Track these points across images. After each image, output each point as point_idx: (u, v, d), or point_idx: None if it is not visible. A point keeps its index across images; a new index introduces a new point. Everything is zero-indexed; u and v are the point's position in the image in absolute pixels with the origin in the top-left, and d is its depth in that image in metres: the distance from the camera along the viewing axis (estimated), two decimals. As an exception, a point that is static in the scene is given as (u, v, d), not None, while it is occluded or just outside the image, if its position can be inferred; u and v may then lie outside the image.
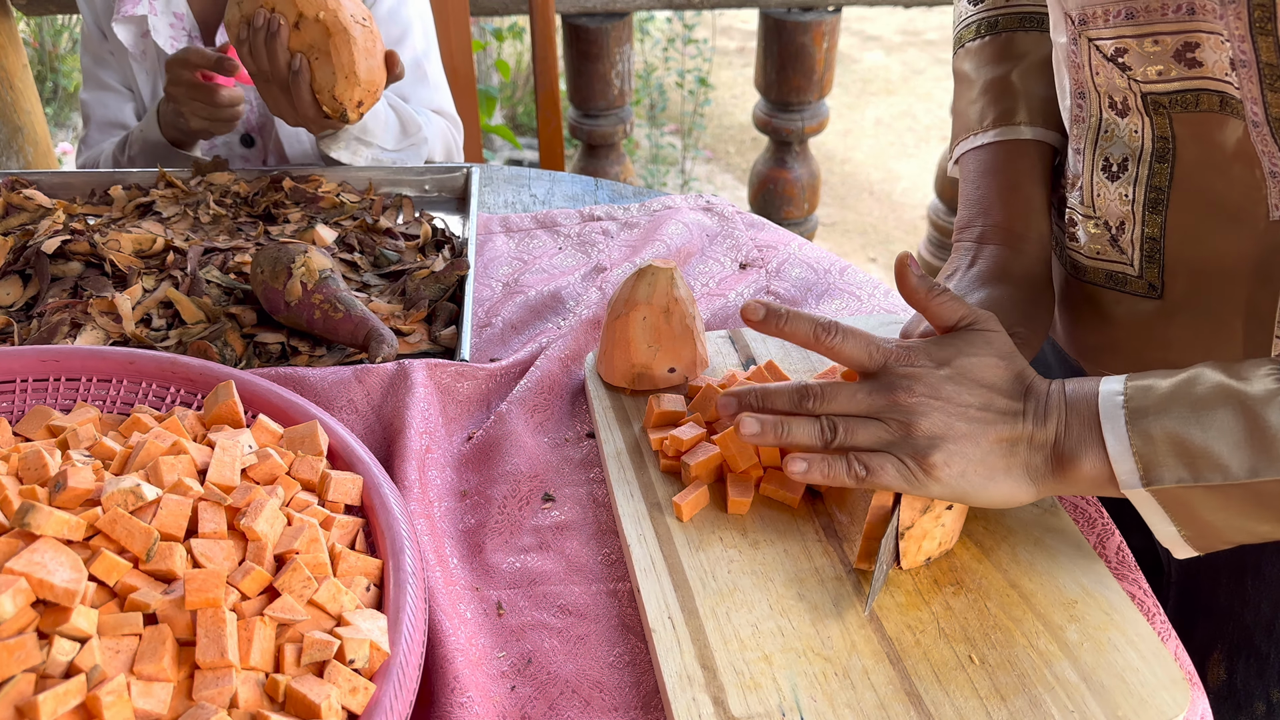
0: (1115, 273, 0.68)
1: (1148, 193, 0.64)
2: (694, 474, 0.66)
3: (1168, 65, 0.59)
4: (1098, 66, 0.63)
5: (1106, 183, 0.66)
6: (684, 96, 3.79)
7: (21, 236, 0.92)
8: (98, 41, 1.21)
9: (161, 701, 0.45)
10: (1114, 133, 0.65)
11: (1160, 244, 0.65)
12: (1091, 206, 0.68)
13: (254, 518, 0.52)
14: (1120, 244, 0.67)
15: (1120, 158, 0.65)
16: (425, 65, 1.24)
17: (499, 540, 0.66)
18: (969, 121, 0.76)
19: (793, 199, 2.31)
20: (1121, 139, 0.64)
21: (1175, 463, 0.52)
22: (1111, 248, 0.67)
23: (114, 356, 0.67)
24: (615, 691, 0.56)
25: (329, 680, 0.47)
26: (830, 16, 2.04)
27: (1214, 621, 0.74)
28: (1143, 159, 0.63)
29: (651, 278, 0.73)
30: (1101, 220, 0.68)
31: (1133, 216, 0.65)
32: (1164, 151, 0.62)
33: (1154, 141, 0.62)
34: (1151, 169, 0.63)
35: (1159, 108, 0.61)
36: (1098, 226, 0.68)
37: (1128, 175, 0.65)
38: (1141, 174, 0.64)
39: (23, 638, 0.44)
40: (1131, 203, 0.65)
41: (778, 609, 0.58)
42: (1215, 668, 0.74)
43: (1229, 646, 0.73)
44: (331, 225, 0.98)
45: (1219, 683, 0.74)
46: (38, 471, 0.53)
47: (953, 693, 0.53)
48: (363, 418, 0.73)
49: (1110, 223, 0.67)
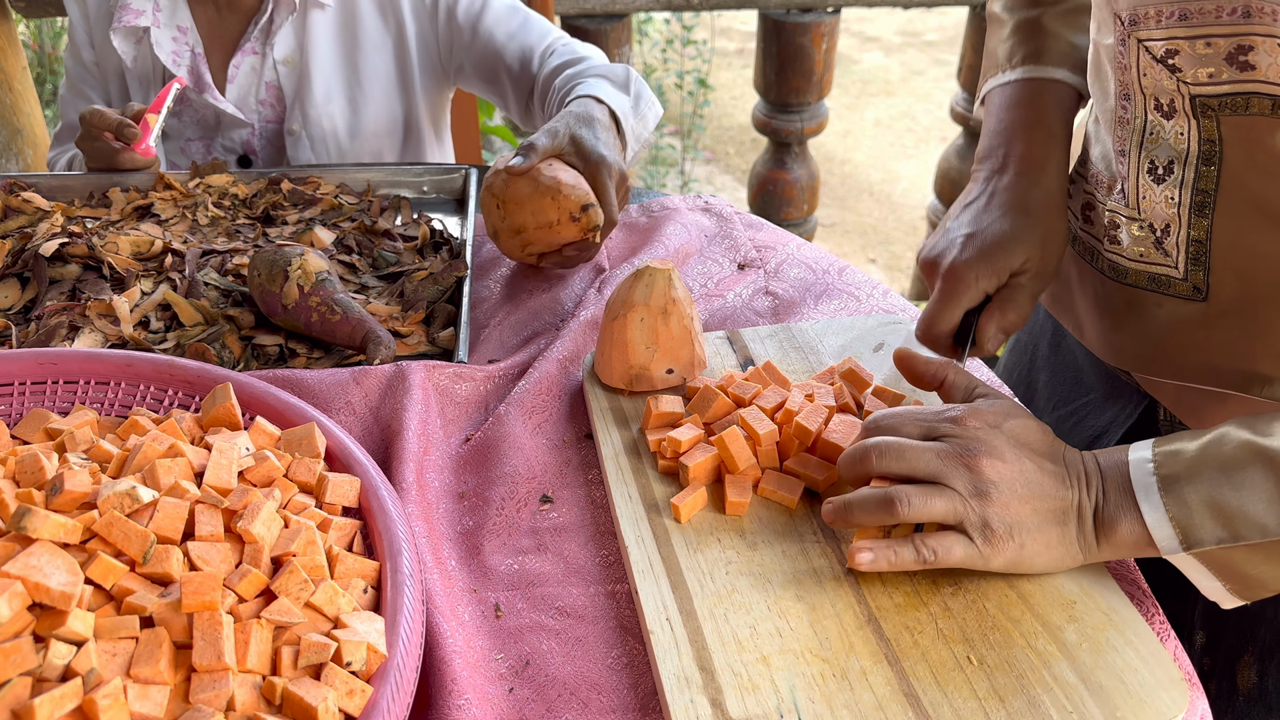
0: (1159, 275, 0.68)
1: (1194, 196, 0.64)
2: (692, 475, 0.65)
3: (1219, 68, 0.58)
4: (1145, 68, 0.63)
5: (1152, 185, 0.66)
6: (683, 98, 3.80)
7: (20, 239, 0.92)
8: (84, 49, 1.20)
9: (158, 704, 0.45)
10: (1159, 135, 0.65)
11: (1206, 247, 0.64)
12: (1136, 209, 0.68)
13: (251, 520, 0.52)
14: (1165, 247, 0.67)
15: (1166, 160, 0.65)
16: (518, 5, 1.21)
17: (497, 542, 0.66)
18: (997, 60, 0.77)
19: (792, 200, 2.31)
20: (1167, 141, 0.64)
21: (1213, 525, 0.53)
22: (1156, 250, 0.67)
23: (112, 359, 0.67)
24: (613, 693, 0.56)
25: (326, 683, 0.47)
26: (829, 17, 2.04)
27: (1245, 624, 0.74)
28: (1189, 162, 0.63)
29: (649, 279, 0.73)
30: (1146, 223, 0.68)
31: (1178, 219, 0.65)
32: (1210, 155, 0.62)
33: (1200, 144, 0.62)
34: (1198, 172, 0.63)
35: (1207, 110, 0.60)
36: (1142, 229, 0.68)
37: (1174, 178, 0.64)
38: (1188, 177, 0.63)
39: (19, 641, 0.44)
40: (1177, 205, 0.65)
41: (776, 610, 0.58)
42: (1246, 670, 0.74)
43: (1260, 649, 0.73)
44: (330, 227, 0.98)
45: (1249, 685, 0.74)
46: (35, 474, 0.53)
47: (951, 694, 0.53)
48: (360, 420, 0.73)
49: (1155, 225, 0.67)
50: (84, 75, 1.21)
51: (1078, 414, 0.87)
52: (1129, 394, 0.81)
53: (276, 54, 1.17)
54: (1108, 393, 0.83)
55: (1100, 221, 0.73)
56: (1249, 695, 0.74)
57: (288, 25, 1.16)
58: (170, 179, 1.04)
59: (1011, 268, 0.68)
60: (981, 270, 0.67)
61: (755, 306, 0.90)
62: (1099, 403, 0.84)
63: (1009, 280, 0.68)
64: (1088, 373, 0.85)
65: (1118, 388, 0.82)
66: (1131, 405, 0.80)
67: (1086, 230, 0.75)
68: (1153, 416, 0.79)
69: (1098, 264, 0.74)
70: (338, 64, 1.19)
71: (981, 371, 0.81)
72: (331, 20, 1.18)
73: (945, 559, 0.56)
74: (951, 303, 0.68)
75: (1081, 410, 0.87)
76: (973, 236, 0.69)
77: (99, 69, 1.20)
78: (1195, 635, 0.77)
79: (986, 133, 0.75)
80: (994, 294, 0.69)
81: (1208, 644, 0.77)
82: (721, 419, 0.70)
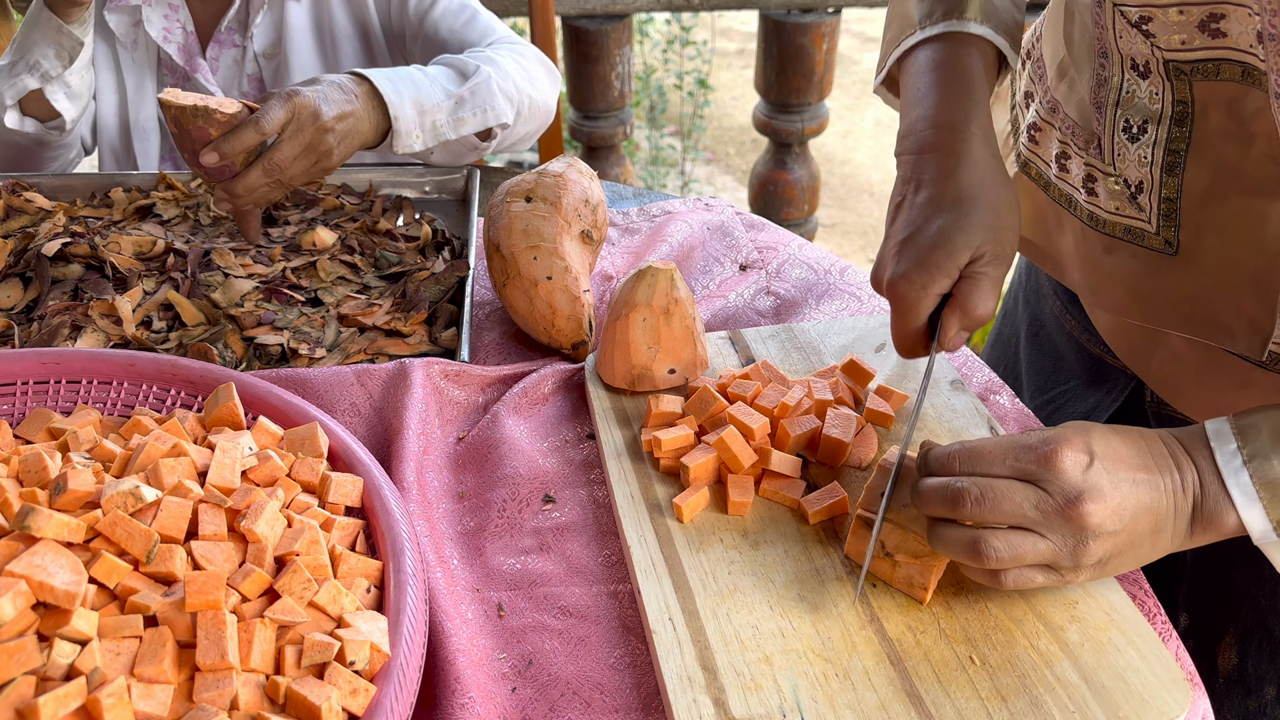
0: (1134, 228, 0.68)
1: (1165, 155, 0.64)
2: (693, 475, 0.65)
3: (1191, 35, 0.59)
4: (1121, 31, 0.63)
5: (1127, 144, 0.66)
6: (683, 98, 3.80)
7: (22, 239, 0.92)
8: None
9: (162, 703, 0.45)
10: (1134, 94, 0.65)
11: (1176, 204, 0.65)
12: (1112, 165, 0.68)
13: (254, 520, 0.52)
14: (1139, 202, 0.67)
15: (1140, 120, 0.65)
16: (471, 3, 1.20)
17: (500, 542, 0.66)
18: (909, 20, 0.70)
19: (793, 200, 2.31)
20: (1142, 101, 0.65)
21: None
22: (1130, 205, 0.68)
23: (114, 359, 0.67)
24: (616, 693, 0.56)
25: (329, 682, 0.47)
26: (830, 18, 2.04)
27: (1228, 605, 0.74)
28: (1162, 121, 0.63)
29: (651, 279, 0.73)
30: (1121, 178, 0.68)
31: (1151, 178, 0.65)
32: (1183, 116, 0.62)
33: (1173, 105, 0.62)
34: (1170, 132, 0.63)
35: (1180, 74, 0.61)
36: (1118, 184, 0.68)
37: (1147, 138, 0.65)
38: (1160, 136, 0.64)
39: (23, 640, 0.44)
40: (1150, 165, 0.65)
41: (778, 610, 0.58)
42: (1227, 652, 0.74)
43: (1241, 630, 0.73)
44: (332, 227, 0.98)
45: (1230, 667, 0.74)
46: (38, 474, 0.53)
47: (953, 693, 0.53)
48: (365, 419, 0.73)
49: (1130, 181, 0.67)
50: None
51: (1057, 400, 0.87)
52: (1115, 377, 0.81)
53: (256, 46, 1.18)
54: (1090, 378, 0.84)
55: (1078, 172, 0.72)
56: (1229, 677, 0.74)
57: (266, 18, 1.17)
58: (172, 179, 1.04)
59: (959, 265, 0.62)
60: (924, 278, 0.62)
61: (757, 307, 0.90)
62: (1081, 388, 0.85)
63: (965, 272, 0.62)
64: (1069, 359, 0.86)
65: (1102, 371, 0.82)
66: (1118, 389, 0.81)
67: (1062, 179, 0.74)
68: (1139, 400, 0.79)
69: (1075, 211, 0.74)
70: (314, 56, 1.20)
71: (972, 363, 0.82)
72: (306, 12, 1.19)
73: (1025, 587, 0.55)
74: (904, 319, 0.64)
75: (1062, 397, 0.87)
76: (907, 242, 0.63)
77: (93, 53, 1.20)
78: (1180, 617, 0.78)
79: (905, 103, 0.68)
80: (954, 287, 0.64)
81: (1191, 625, 0.77)
82: (712, 416, 0.70)
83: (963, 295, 0.63)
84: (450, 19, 1.18)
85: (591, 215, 0.87)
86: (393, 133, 0.97)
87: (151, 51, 1.19)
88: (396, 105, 0.96)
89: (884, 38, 0.73)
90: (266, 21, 1.17)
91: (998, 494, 0.53)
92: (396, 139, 0.97)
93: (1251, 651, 0.73)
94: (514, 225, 0.82)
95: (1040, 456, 0.53)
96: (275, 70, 1.19)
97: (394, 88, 0.97)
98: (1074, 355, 0.85)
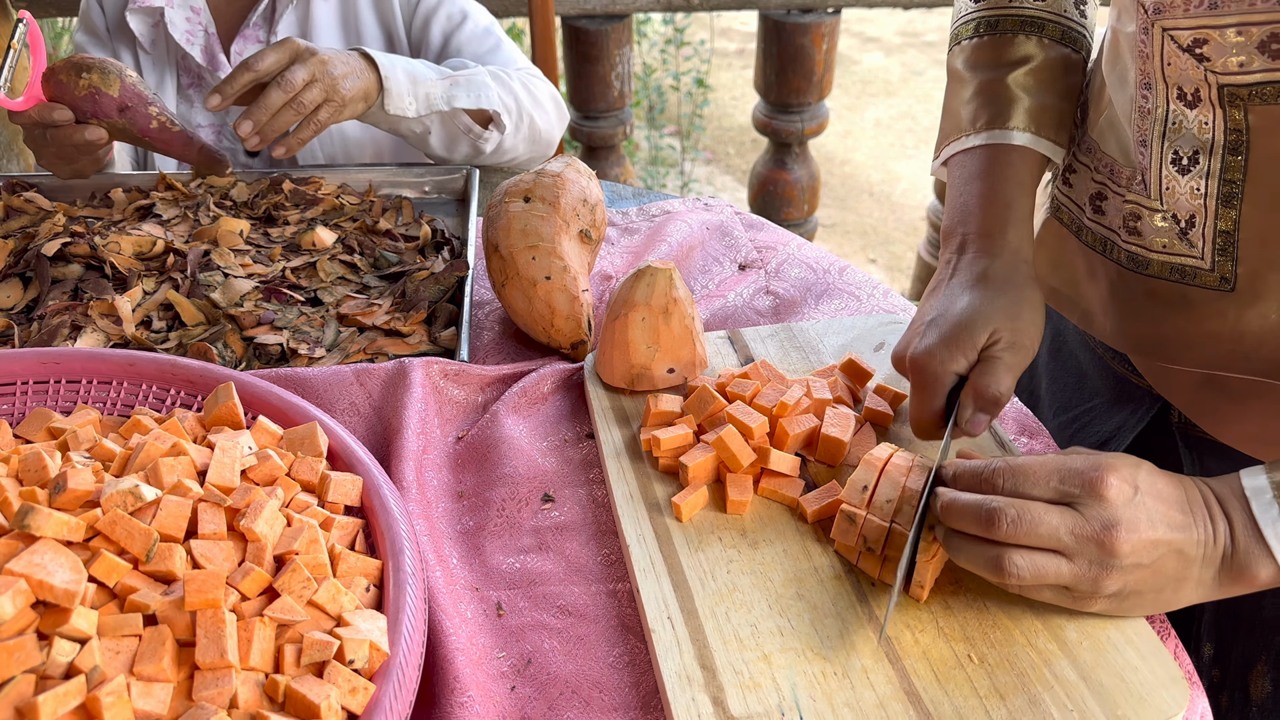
0: (1183, 266, 0.67)
1: (1221, 186, 0.63)
2: (692, 475, 0.66)
3: (1250, 56, 0.58)
4: (1169, 56, 0.62)
5: (1176, 176, 0.65)
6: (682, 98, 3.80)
7: (22, 239, 0.92)
8: (96, 18, 1.20)
9: (161, 702, 0.45)
10: (1182, 124, 0.64)
11: (1234, 238, 0.64)
12: (1160, 200, 0.67)
13: (254, 519, 0.52)
14: (1190, 238, 0.66)
15: (1190, 150, 0.64)
16: (495, 32, 1.23)
17: (499, 541, 0.66)
18: (959, 122, 0.74)
19: (792, 200, 2.32)
20: (1190, 131, 0.63)
21: None
22: (1180, 241, 0.66)
23: (114, 359, 0.67)
24: (615, 692, 0.56)
25: (329, 680, 0.47)
26: (830, 18, 2.04)
27: (1257, 634, 0.73)
28: (1214, 151, 0.62)
29: (650, 278, 0.73)
30: (1170, 214, 0.66)
31: (1204, 210, 0.64)
32: (1237, 144, 0.61)
33: (1226, 134, 0.61)
34: (1224, 162, 0.62)
35: (1235, 99, 0.60)
36: (1165, 220, 0.67)
37: (1199, 169, 0.64)
38: (1214, 167, 0.63)
39: (23, 639, 0.44)
40: (1204, 196, 0.64)
41: (777, 609, 0.58)
42: (1259, 680, 0.73)
43: (1273, 657, 0.72)
44: (332, 227, 0.98)
45: (1264, 695, 0.73)
46: (38, 473, 0.54)
47: (952, 692, 0.53)
48: (364, 419, 0.73)
49: (1180, 216, 0.66)
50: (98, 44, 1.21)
51: (1081, 419, 0.86)
52: (1140, 396, 0.80)
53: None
54: (1115, 397, 0.82)
55: (1117, 213, 0.71)
56: (1263, 705, 0.73)
57: (291, 13, 1.18)
58: (172, 179, 1.05)
59: (978, 344, 0.64)
60: (944, 354, 0.64)
61: (756, 306, 0.90)
62: (1105, 407, 0.84)
63: (982, 355, 0.64)
64: (1092, 377, 0.85)
65: (1126, 391, 0.81)
66: (1143, 409, 0.79)
67: (1098, 221, 0.74)
68: (1165, 420, 0.78)
69: (1113, 255, 0.73)
70: None
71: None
72: (333, 11, 1.19)
73: (1032, 596, 0.56)
74: (924, 394, 0.65)
75: (1086, 415, 0.86)
76: (934, 322, 0.66)
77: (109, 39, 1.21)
78: (1203, 648, 0.77)
79: (949, 207, 0.72)
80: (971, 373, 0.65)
81: (1216, 655, 0.76)
82: (712, 416, 0.70)
83: (976, 374, 0.64)
84: (475, 44, 1.21)
85: (590, 215, 0.87)
86: (384, 92, 1.03)
87: (172, 52, 1.20)
88: (387, 68, 1.03)
89: (941, 125, 0.78)
90: (292, 18, 1.18)
91: (1035, 517, 0.53)
92: (388, 98, 1.04)
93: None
94: (512, 225, 0.82)
95: (1086, 481, 0.53)
96: None
97: (386, 59, 1.04)
98: (1098, 373, 0.84)
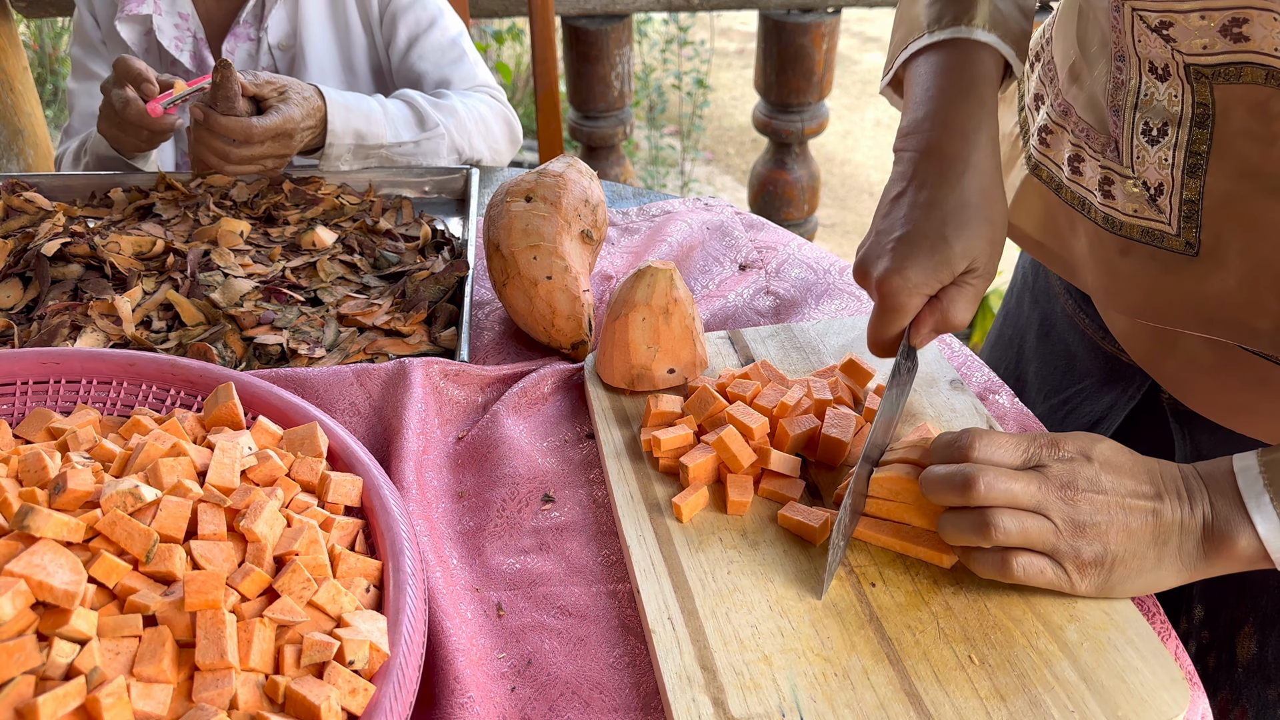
0: (1152, 230, 0.68)
1: (1187, 158, 0.64)
2: (693, 475, 0.66)
3: (1213, 39, 0.59)
4: (1140, 35, 0.63)
5: (1146, 146, 0.66)
6: (682, 98, 3.80)
7: (22, 239, 0.92)
8: (90, 30, 1.21)
9: (161, 703, 0.45)
10: (1153, 97, 0.65)
11: (1198, 206, 0.65)
12: (1131, 168, 0.68)
13: (254, 519, 0.52)
14: (1159, 204, 0.67)
15: (1160, 122, 0.65)
16: (461, 43, 1.24)
17: (499, 541, 0.66)
18: (917, 24, 0.69)
19: (792, 200, 2.31)
20: (1161, 104, 0.64)
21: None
22: (1149, 207, 0.67)
23: (114, 359, 0.67)
24: (615, 692, 0.56)
25: (329, 681, 0.47)
26: (830, 18, 2.04)
27: (1247, 594, 0.74)
28: (1182, 124, 0.64)
29: (650, 279, 0.73)
30: (1140, 181, 0.67)
31: (1171, 180, 0.65)
32: (1203, 118, 0.62)
33: (1193, 108, 0.62)
34: (1191, 134, 0.63)
35: (1200, 77, 0.61)
36: (1136, 186, 0.68)
37: (1167, 140, 0.65)
38: (1181, 139, 0.64)
39: (22, 639, 0.44)
40: (1171, 166, 0.65)
41: (777, 609, 0.58)
42: (1246, 641, 0.74)
43: (1261, 618, 0.73)
44: (332, 227, 0.98)
45: (1249, 656, 0.74)
46: (37, 474, 0.54)
47: (952, 693, 0.53)
48: (364, 419, 0.73)
49: (1149, 184, 0.67)
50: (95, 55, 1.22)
51: (1071, 402, 0.87)
52: (1130, 375, 0.81)
53: (271, 38, 1.19)
54: (1104, 377, 0.83)
55: (1093, 175, 0.72)
56: (1248, 666, 0.74)
57: (280, 9, 1.18)
58: (172, 179, 1.04)
59: (955, 271, 0.62)
60: (920, 281, 0.61)
61: (757, 306, 0.90)
62: (1094, 389, 0.85)
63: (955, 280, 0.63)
64: (1082, 358, 0.85)
65: (1116, 371, 0.82)
66: (1134, 387, 0.80)
67: (1076, 181, 0.74)
68: (1155, 399, 0.79)
69: (1090, 214, 0.74)
70: (331, 48, 1.21)
71: (963, 353, 0.82)
72: (323, 5, 1.20)
73: (1034, 579, 0.57)
74: (890, 317, 0.63)
75: (1076, 398, 0.87)
76: (904, 240, 0.62)
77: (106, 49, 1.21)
78: (1194, 609, 0.78)
79: (911, 103, 0.67)
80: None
81: (1206, 617, 0.77)
82: (712, 416, 0.70)
83: (947, 300, 0.63)
84: (437, 54, 1.22)
85: (591, 215, 0.87)
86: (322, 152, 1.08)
87: (164, 58, 1.20)
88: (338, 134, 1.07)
89: (891, 39, 0.74)
90: (281, 13, 1.18)
91: (1010, 482, 0.56)
92: (325, 159, 1.08)
93: (1272, 640, 0.73)
94: (514, 225, 0.82)
95: (1050, 441, 0.58)
96: (290, 62, 1.21)
97: (345, 118, 1.07)
98: (1087, 354, 0.85)
